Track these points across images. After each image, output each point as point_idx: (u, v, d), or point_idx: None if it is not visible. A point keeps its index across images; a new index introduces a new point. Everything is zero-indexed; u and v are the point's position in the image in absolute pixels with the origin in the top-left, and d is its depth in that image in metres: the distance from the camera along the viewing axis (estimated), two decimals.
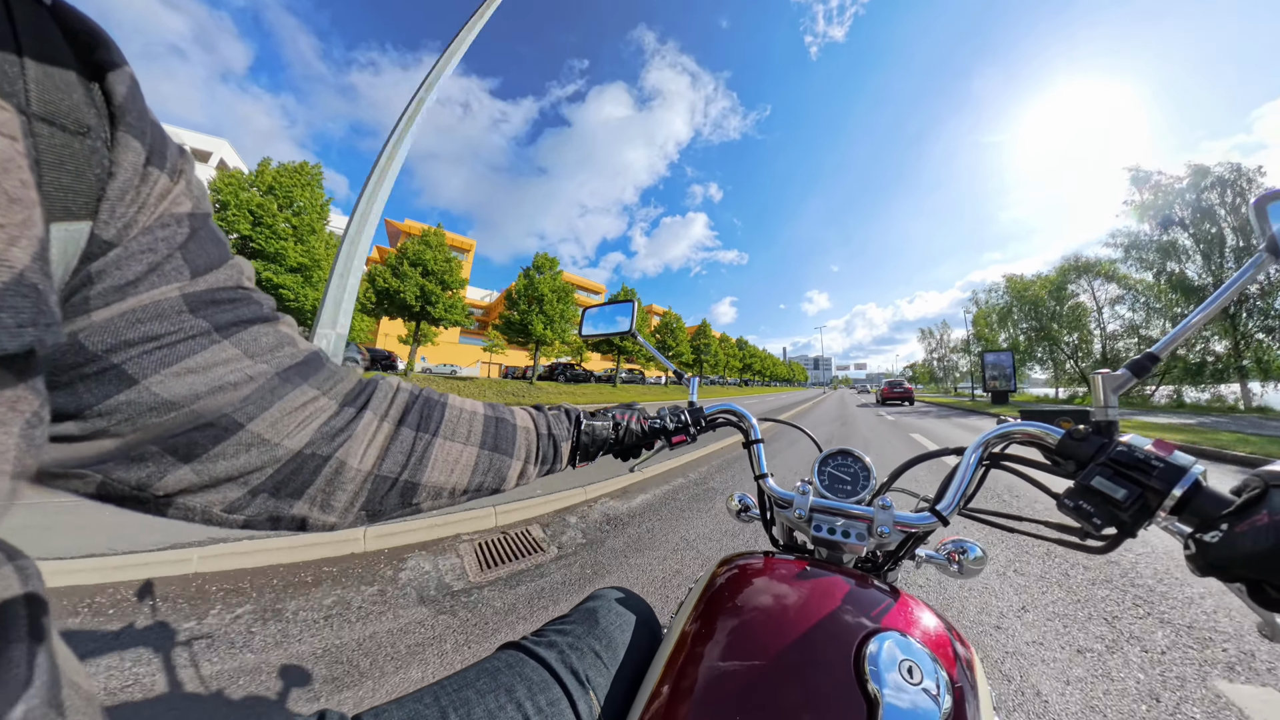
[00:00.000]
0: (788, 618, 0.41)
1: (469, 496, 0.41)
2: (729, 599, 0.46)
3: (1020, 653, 1.46)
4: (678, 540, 2.59)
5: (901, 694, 0.33)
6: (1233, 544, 0.31)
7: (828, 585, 0.44)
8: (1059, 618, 1.69)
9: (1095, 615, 1.72)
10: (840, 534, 0.55)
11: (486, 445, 0.41)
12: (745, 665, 0.38)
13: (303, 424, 0.29)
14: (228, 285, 0.26)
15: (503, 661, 0.44)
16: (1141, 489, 0.38)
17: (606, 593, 0.59)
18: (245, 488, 0.27)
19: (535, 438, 0.48)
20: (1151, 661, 1.44)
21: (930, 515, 0.52)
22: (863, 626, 0.39)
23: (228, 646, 1.48)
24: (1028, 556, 2.29)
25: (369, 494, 0.33)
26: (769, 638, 0.39)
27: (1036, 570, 2.15)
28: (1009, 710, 1.24)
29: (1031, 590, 1.94)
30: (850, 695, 0.34)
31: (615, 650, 0.50)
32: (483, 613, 1.76)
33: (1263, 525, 0.30)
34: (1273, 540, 0.29)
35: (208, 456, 0.25)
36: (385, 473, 0.33)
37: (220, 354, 0.25)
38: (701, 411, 0.70)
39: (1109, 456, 0.41)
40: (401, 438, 0.35)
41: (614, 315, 1.01)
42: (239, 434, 0.26)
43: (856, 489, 0.63)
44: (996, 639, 1.53)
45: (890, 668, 0.34)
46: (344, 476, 0.31)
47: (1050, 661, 1.42)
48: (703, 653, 0.40)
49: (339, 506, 0.31)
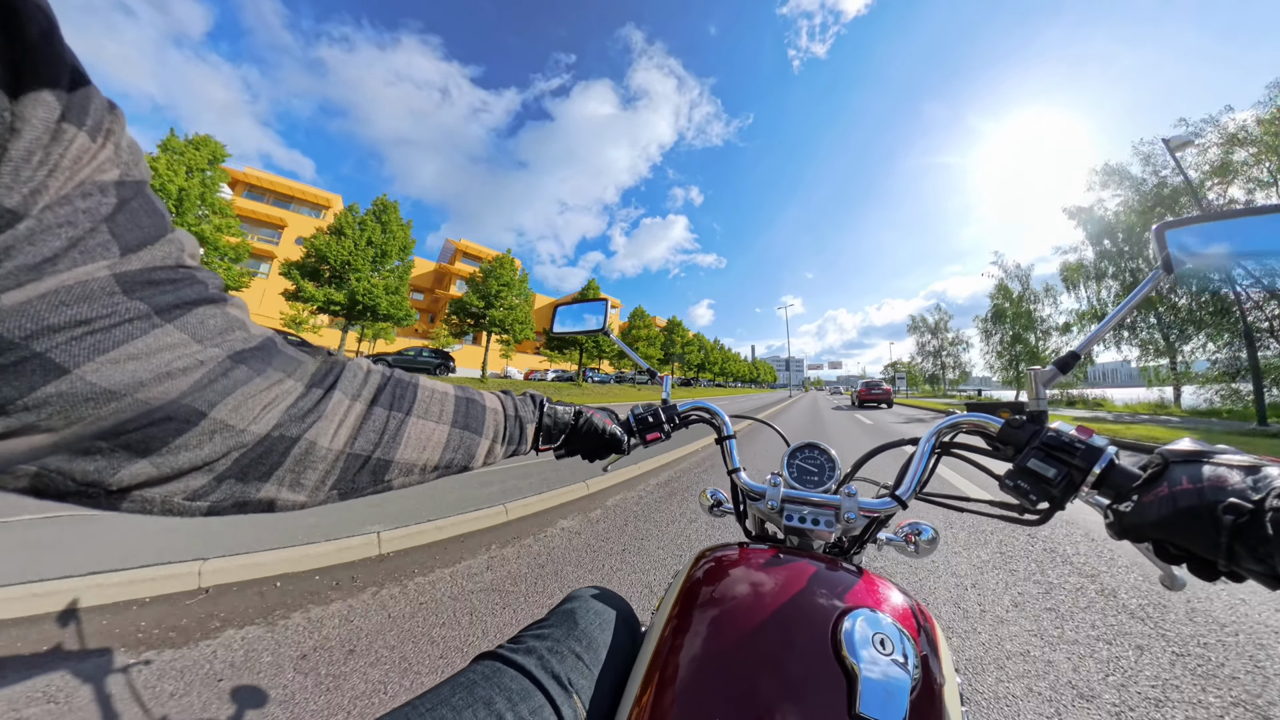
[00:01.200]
0: (766, 604, 0.43)
1: (438, 474, 0.40)
2: (708, 590, 0.47)
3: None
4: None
5: (876, 665, 0.35)
6: (1141, 512, 0.36)
7: (801, 570, 0.47)
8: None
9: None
10: (810, 522, 0.58)
11: (458, 424, 0.41)
12: (728, 653, 0.39)
13: (268, 407, 0.28)
14: (166, 264, 0.24)
15: (479, 674, 0.42)
16: (1068, 468, 0.43)
17: (583, 592, 0.59)
18: (210, 474, 0.26)
19: (503, 418, 0.48)
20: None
21: (891, 500, 0.56)
22: (836, 606, 0.41)
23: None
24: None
25: (341, 472, 0.32)
26: (749, 625, 0.41)
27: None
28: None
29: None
30: (830, 670, 0.36)
31: (597, 651, 0.49)
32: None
33: (1164, 495, 0.34)
34: (1170, 508, 0.33)
35: (169, 449, 0.23)
36: (358, 450, 0.33)
37: (164, 339, 0.23)
38: (675, 409, 0.71)
39: (1041, 441, 0.46)
40: (375, 417, 0.34)
41: (584, 313, 1.01)
42: (202, 423, 0.24)
43: (823, 479, 0.67)
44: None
45: (864, 642, 0.37)
46: (314, 455, 0.30)
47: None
48: (685, 645, 0.41)
49: (309, 485, 0.31)
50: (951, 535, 2.83)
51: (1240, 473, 0.32)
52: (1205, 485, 0.32)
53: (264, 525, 2.50)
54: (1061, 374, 0.51)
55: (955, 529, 2.93)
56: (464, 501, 3.20)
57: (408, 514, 2.84)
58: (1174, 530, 0.33)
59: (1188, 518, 0.32)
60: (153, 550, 2.13)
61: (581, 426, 0.60)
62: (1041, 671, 1.52)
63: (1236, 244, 0.47)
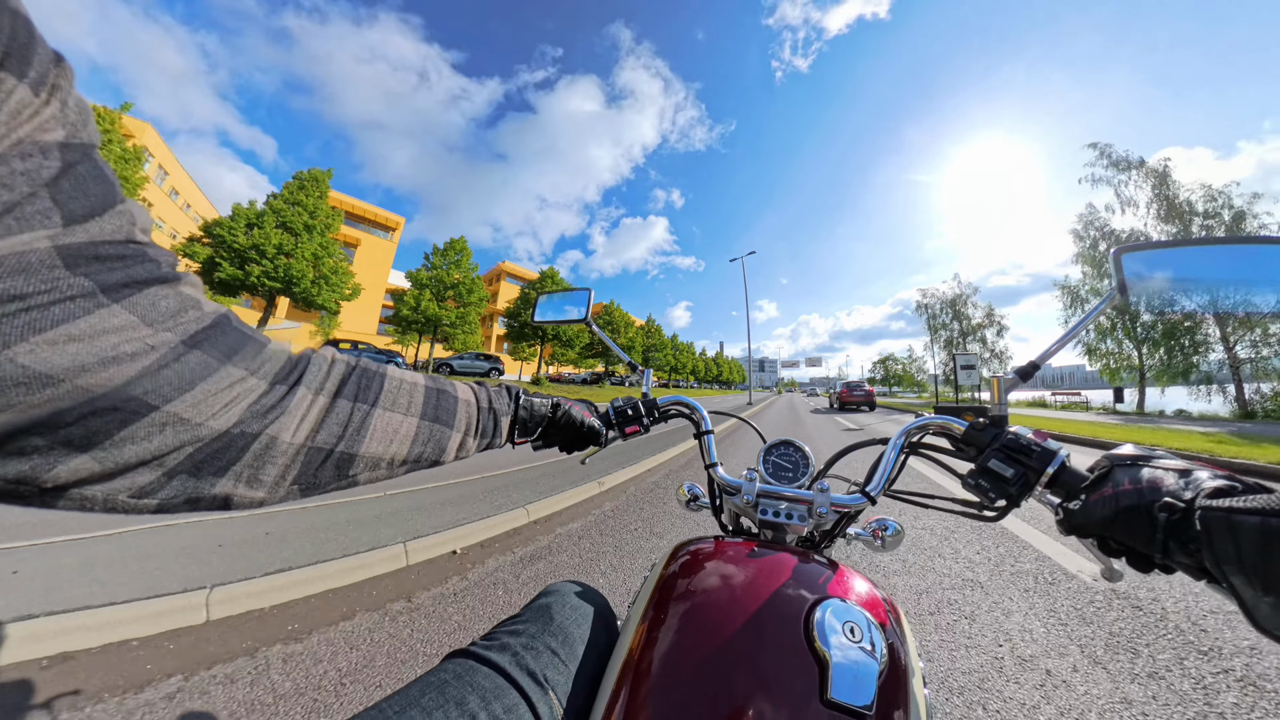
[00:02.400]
0: (741, 596, 0.44)
1: (407, 468, 0.39)
2: (684, 583, 0.48)
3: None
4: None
5: (846, 652, 0.37)
6: (1088, 510, 0.39)
7: (775, 563, 0.48)
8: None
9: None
10: (784, 516, 0.59)
11: (427, 416, 0.40)
12: (704, 645, 0.40)
13: (230, 404, 0.26)
14: (115, 238, 0.22)
15: (450, 672, 0.41)
16: (1025, 469, 0.46)
17: (560, 587, 0.58)
18: (160, 470, 0.24)
19: (476, 410, 0.46)
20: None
21: (861, 496, 0.59)
22: (808, 597, 0.42)
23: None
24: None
25: (302, 467, 0.31)
26: (725, 616, 0.42)
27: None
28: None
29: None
30: (803, 658, 0.37)
31: (573, 646, 0.49)
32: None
33: (1108, 495, 0.37)
34: (1113, 507, 0.36)
35: (113, 442, 0.22)
36: (320, 444, 0.31)
37: (109, 320, 0.21)
38: (655, 403, 0.72)
39: (1001, 443, 0.49)
40: (338, 409, 0.33)
41: (565, 304, 0.99)
42: (152, 415, 0.22)
43: (797, 475, 0.69)
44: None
45: (835, 630, 0.38)
46: (274, 451, 0.29)
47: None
48: (661, 638, 0.42)
49: (268, 481, 0.29)
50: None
51: (1174, 475, 0.34)
52: (1144, 486, 0.35)
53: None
54: (1022, 381, 0.55)
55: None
56: (348, 535, 2.39)
57: (265, 552, 2.09)
58: (1116, 527, 0.36)
59: (1128, 516, 0.35)
60: None
61: (559, 418, 0.59)
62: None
63: (1184, 271, 0.52)
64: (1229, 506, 0.28)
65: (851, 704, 0.34)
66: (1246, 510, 0.27)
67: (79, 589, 1.74)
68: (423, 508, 2.95)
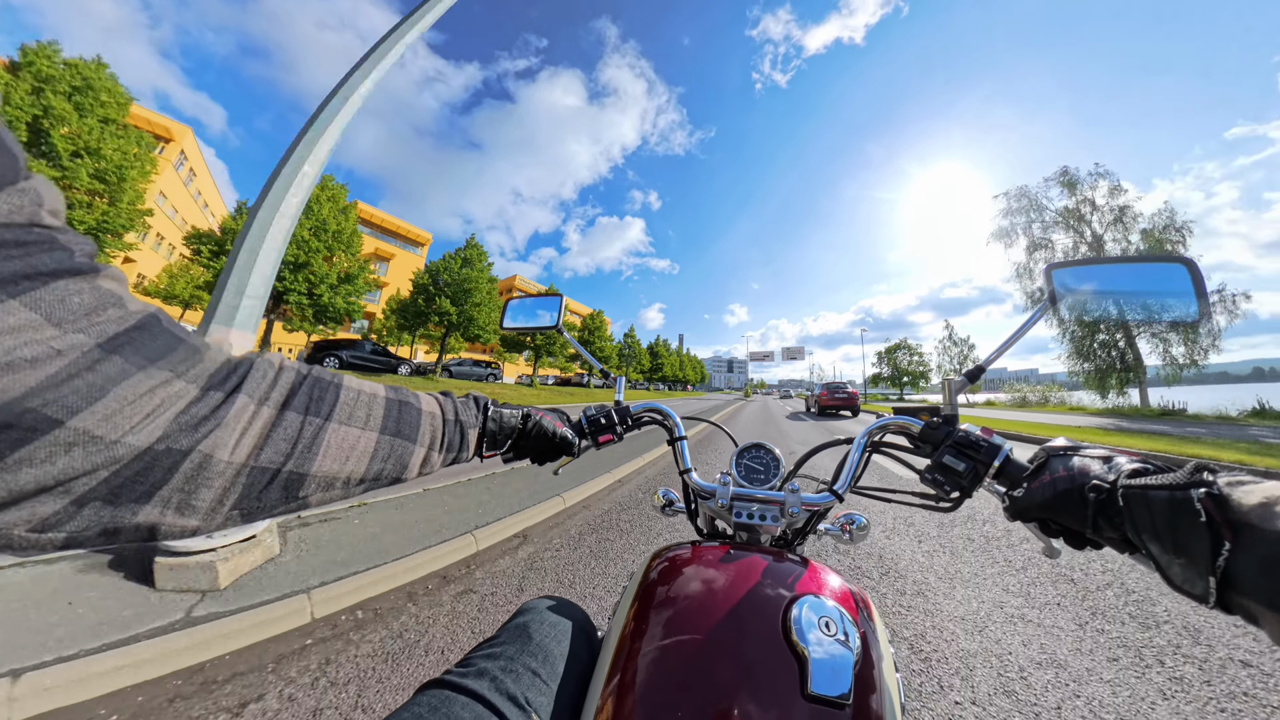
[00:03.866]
0: (720, 599, 0.44)
1: (365, 487, 0.36)
2: (663, 591, 0.48)
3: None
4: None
5: (823, 646, 0.38)
6: (1029, 496, 0.43)
7: (752, 564, 0.49)
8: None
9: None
10: (758, 518, 0.61)
11: (388, 430, 0.37)
12: (686, 651, 0.40)
13: (152, 415, 0.22)
14: (15, 220, 0.19)
15: (425, 705, 0.39)
16: (975, 462, 0.50)
17: (536, 604, 0.57)
18: (66, 497, 0.20)
19: (441, 423, 0.44)
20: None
21: (829, 495, 0.61)
22: (784, 595, 0.44)
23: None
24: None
25: (244, 489, 0.27)
26: (705, 621, 0.42)
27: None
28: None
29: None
30: (782, 654, 0.38)
31: (554, 664, 0.47)
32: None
33: (1046, 482, 0.41)
34: (1051, 492, 0.40)
35: (6, 466, 0.18)
36: (265, 464, 0.28)
37: (5, 318, 0.18)
38: (628, 410, 0.71)
39: (954, 440, 0.52)
40: (286, 423, 0.30)
41: (536, 309, 0.96)
42: (55, 433, 0.19)
43: (769, 477, 0.71)
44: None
45: (811, 626, 0.39)
46: (210, 471, 0.25)
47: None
48: (644, 647, 0.41)
49: (203, 507, 0.26)
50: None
51: (1099, 461, 0.39)
52: (1076, 472, 0.39)
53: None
54: (970, 383, 0.60)
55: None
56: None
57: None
58: (1054, 509, 0.40)
59: (1064, 498, 0.39)
60: None
61: (530, 429, 0.57)
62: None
63: (1104, 284, 0.58)
64: (1144, 484, 0.32)
65: (830, 695, 0.35)
66: (1158, 486, 0.31)
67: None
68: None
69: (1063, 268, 0.59)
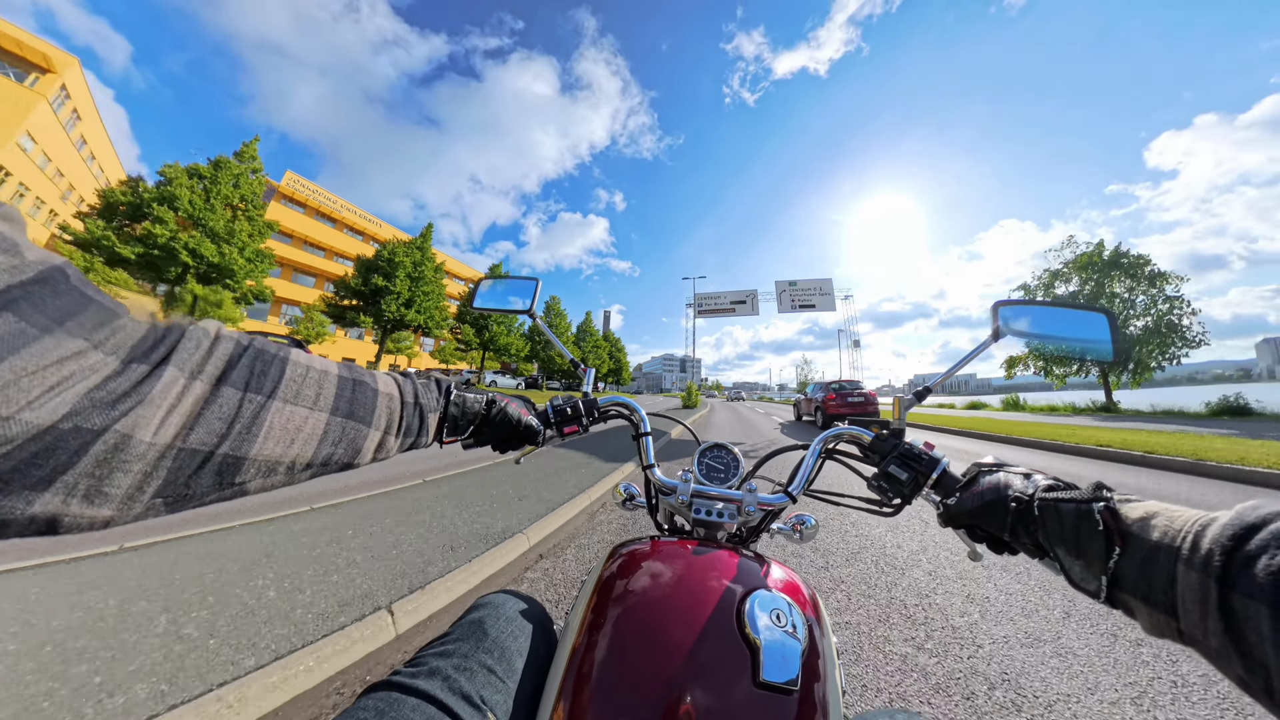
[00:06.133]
0: (677, 593, 0.45)
1: (313, 473, 0.33)
2: (621, 584, 0.48)
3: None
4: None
5: (773, 636, 0.40)
6: (960, 505, 0.47)
7: (708, 560, 0.51)
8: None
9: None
10: (716, 515, 0.63)
11: (340, 411, 0.34)
12: (644, 644, 0.41)
13: (57, 389, 0.20)
14: None
15: (370, 710, 0.37)
16: (916, 473, 0.55)
17: (492, 599, 0.55)
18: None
19: (400, 405, 0.41)
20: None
21: (784, 495, 0.64)
22: (739, 589, 0.45)
23: None
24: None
25: (169, 474, 0.24)
26: (663, 614, 0.43)
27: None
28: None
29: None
30: (736, 646, 0.40)
31: (510, 660, 0.46)
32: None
33: (975, 492, 0.46)
34: (979, 501, 0.45)
35: None
36: (195, 445, 0.25)
37: None
38: (595, 404, 0.72)
39: (899, 452, 0.57)
40: (222, 399, 0.27)
41: (508, 294, 0.94)
42: None
43: (728, 476, 0.73)
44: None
45: (763, 617, 0.42)
46: (128, 453, 0.22)
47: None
48: (602, 641, 0.42)
49: (118, 494, 0.22)
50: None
51: (1020, 478, 0.44)
52: (1000, 485, 0.44)
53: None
54: (918, 402, 0.66)
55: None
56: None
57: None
58: (980, 517, 0.45)
59: (990, 508, 0.44)
60: None
61: (494, 416, 0.55)
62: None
63: (1043, 325, 0.66)
64: (1057, 497, 0.38)
65: (779, 682, 0.37)
66: (1068, 500, 0.37)
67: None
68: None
69: (1007, 305, 0.67)
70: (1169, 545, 0.28)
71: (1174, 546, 0.28)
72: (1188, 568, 0.26)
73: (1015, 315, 0.66)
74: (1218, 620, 0.24)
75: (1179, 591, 0.27)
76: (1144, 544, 0.30)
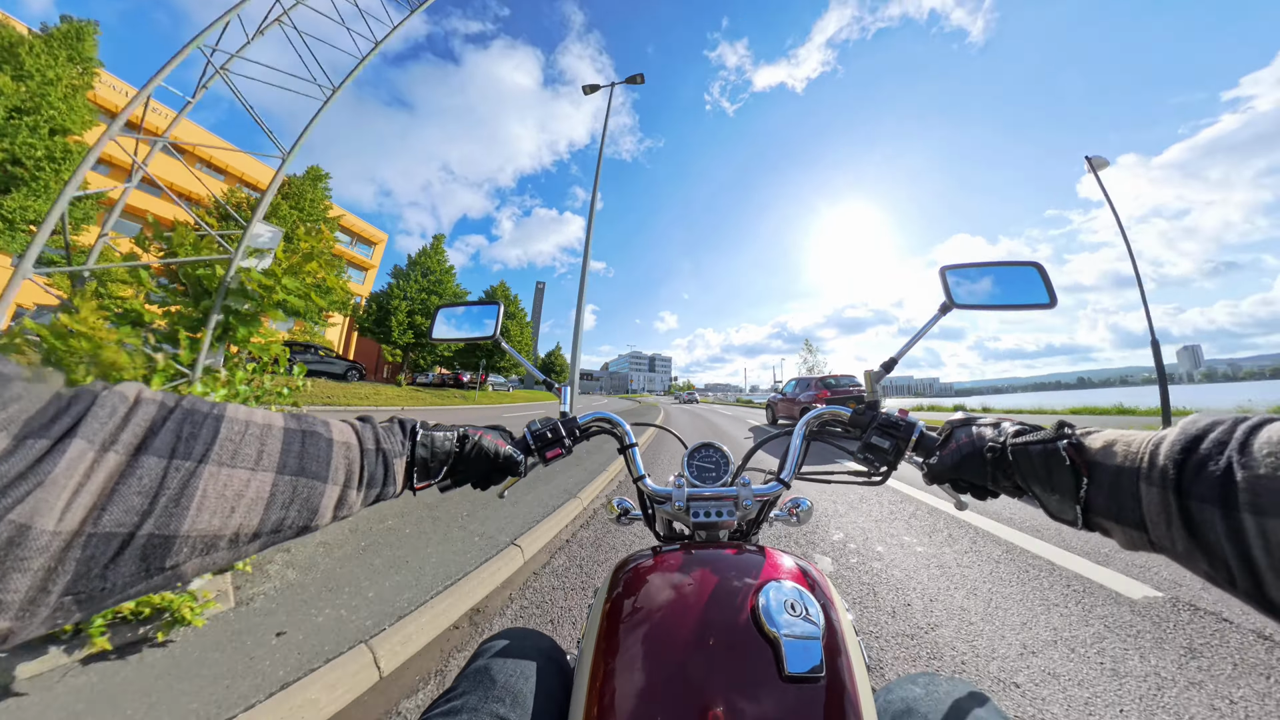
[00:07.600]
0: (689, 599, 0.44)
1: (263, 542, 0.29)
2: (631, 602, 0.47)
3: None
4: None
5: (792, 628, 0.40)
6: (942, 462, 0.50)
7: (715, 561, 0.50)
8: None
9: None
10: (715, 515, 0.62)
11: (288, 469, 0.30)
12: (662, 658, 0.39)
13: None
14: None
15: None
16: (896, 439, 0.57)
17: (495, 643, 0.53)
18: None
19: (359, 454, 0.38)
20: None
21: (777, 483, 0.65)
22: (750, 585, 0.45)
23: None
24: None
25: (79, 567, 0.21)
26: (678, 624, 0.42)
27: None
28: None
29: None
30: (757, 644, 0.39)
31: (523, 703, 0.44)
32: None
33: (953, 449, 0.49)
34: (958, 456, 0.48)
35: None
36: (110, 527, 0.22)
37: None
38: (575, 422, 0.68)
39: (878, 422, 0.59)
40: (142, 470, 0.23)
41: (469, 320, 0.87)
42: None
43: (720, 474, 0.73)
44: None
45: (780, 610, 0.41)
46: (25, 548, 0.19)
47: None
48: (619, 664, 0.41)
49: (15, 600, 0.19)
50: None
51: (991, 428, 0.47)
52: (975, 438, 0.47)
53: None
54: (886, 373, 0.68)
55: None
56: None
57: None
58: (961, 469, 0.47)
59: (968, 460, 0.46)
60: None
61: (469, 452, 0.52)
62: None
63: (989, 293, 0.70)
64: (1025, 441, 0.41)
65: (805, 672, 0.37)
66: (1035, 441, 0.40)
67: None
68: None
69: (955, 269, 0.72)
70: (1130, 467, 0.30)
71: (1134, 467, 0.30)
72: (1148, 484, 0.28)
73: (960, 279, 0.71)
74: (1180, 527, 0.26)
75: (1144, 507, 0.28)
76: (1108, 470, 0.32)
